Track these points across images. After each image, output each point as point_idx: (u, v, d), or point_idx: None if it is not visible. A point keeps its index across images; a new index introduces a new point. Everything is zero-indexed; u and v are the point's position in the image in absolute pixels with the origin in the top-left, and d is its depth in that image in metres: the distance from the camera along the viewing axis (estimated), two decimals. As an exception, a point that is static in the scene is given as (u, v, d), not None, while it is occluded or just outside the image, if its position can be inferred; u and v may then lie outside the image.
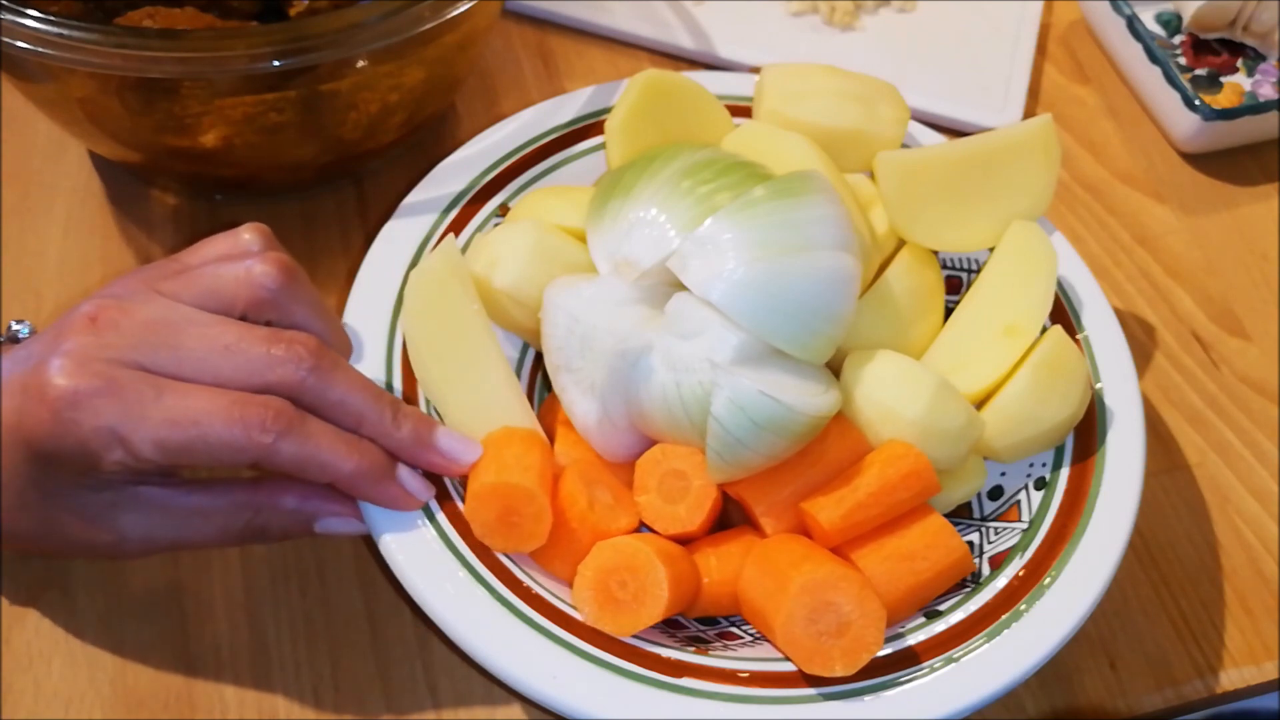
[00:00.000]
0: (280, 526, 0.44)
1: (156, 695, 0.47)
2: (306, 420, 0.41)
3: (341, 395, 0.42)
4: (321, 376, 0.42)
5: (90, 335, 0.40)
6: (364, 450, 0.42)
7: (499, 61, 0.69)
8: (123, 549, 0.43)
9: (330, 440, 0.42)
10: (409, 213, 0.52)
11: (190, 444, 0.40)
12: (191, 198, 0.61)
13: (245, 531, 0.44)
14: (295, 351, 0.41)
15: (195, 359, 0.41)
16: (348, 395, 0.42)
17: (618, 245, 0.46)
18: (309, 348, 0.42)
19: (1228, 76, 0.69)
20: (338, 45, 0.48)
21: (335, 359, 0.43)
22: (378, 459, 0.43)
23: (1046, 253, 0.50)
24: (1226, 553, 0.54)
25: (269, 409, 0.40)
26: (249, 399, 0.40)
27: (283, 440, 0.40)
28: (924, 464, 0.45)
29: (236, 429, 0.40)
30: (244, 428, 0.40)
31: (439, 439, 0.44)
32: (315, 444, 0.41)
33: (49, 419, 0.39)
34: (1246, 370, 0.60)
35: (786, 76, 0.53)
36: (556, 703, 0.41)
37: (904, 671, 0.43)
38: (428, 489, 0.44)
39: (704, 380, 0.43)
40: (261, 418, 0.40)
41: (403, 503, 0.43)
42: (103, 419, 0.39)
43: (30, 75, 0.53)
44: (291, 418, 0.41)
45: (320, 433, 0.41)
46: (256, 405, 0.40)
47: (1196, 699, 0.51)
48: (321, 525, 0.44)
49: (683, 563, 0.44)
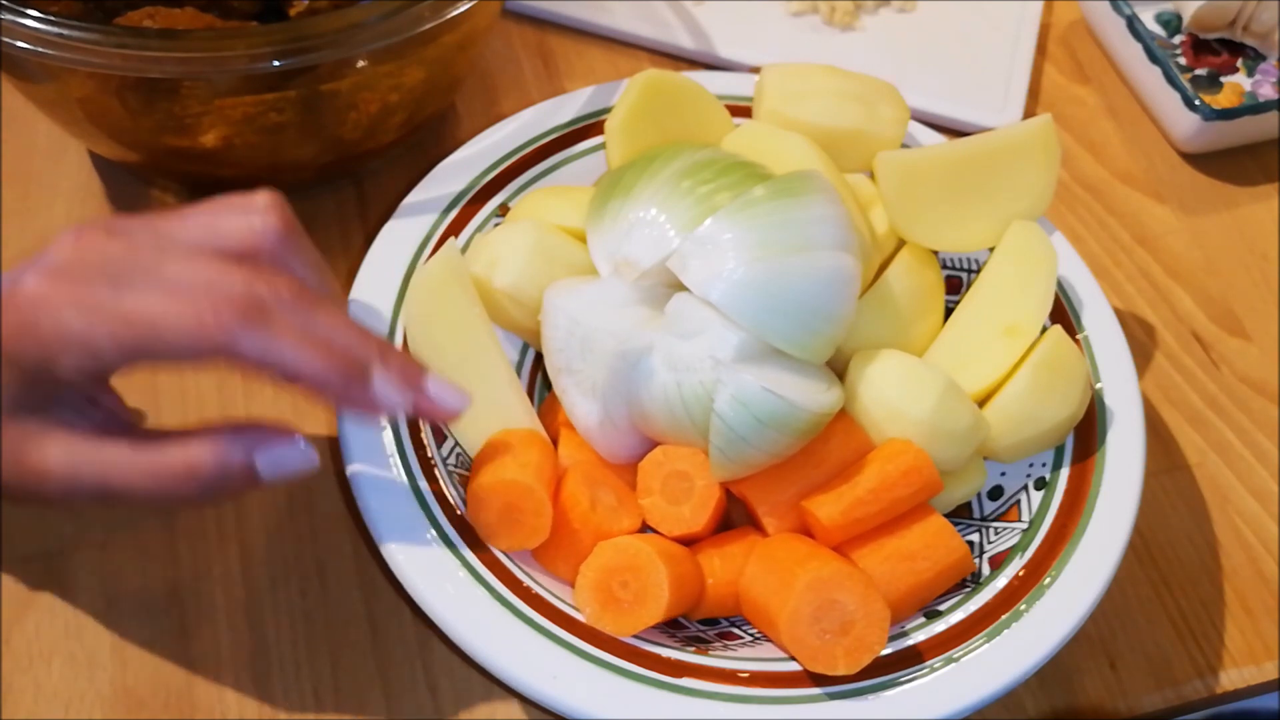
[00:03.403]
0: (217, 467, 0.40)
1: (156, 695, 0.47)
2: (271, 315, 0.39)
3: (326, 332, 0.40)
4: (302, 311, 0.40)
5: (72, 253, 0.39)
6: (334, 351, 0.40)
7: (499, 61, 0.69)
8: (45, 485, 0.40)
9: (297, 336, 0.39)
10: (409, 213, 0.52)
11: (147, 340, 0.38)
12: (191, 198, 0.61)
13: (180, 478, 0.40)
14: (276, 286, 0.40)
15: (170, 285, 0.39)
16: (332, 331, 0.40)
17: (618, 245, 0.46)
18: (292, 286, 0.40)
19: (1228, 76, 0.69)
20: (338, 45, 0.48)
21: (319, 297, 0.41)
22: (350, 361, 0.40)
23: (1046, 253, 0.50)
24: (1226, 553, 0.54)
25: (233, 300, 0.38)
26: (214, 287, 0.39)
27: (244, 333, 0.38)
28: (924, 460, 0.45)
29: (192, 324, 0.38)
30: (200, 323, 0.38)
31: (427, 381, 0.42)
32: (280, 339, 0.39)
33: (14, 320, 0.39)
34: (1246, 370, 0.60)
35: (786, 76, 0.53)
36: (556, 703, 0.41)
37: (904, 671, 0.43)
38: (403, 395, 0.41)
39: (705, 380, 0.43)
40: (218, 311, 0.38)
41: (372, 409, 0.41)
42: (62, 317, 0.38)
43: (30, 75, 0.53)
44: (254, 311, 0.38)
45: (287, 329, 0.39)
46: (219, 297, 0.38)
47: (1196, 699, 0.51)
48: (263, 459, 0.41)
49: (686, 563, 0.44)
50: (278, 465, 0.41)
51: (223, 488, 0.41)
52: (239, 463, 0.40)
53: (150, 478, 0.40)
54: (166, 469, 0.40)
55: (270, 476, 0.41)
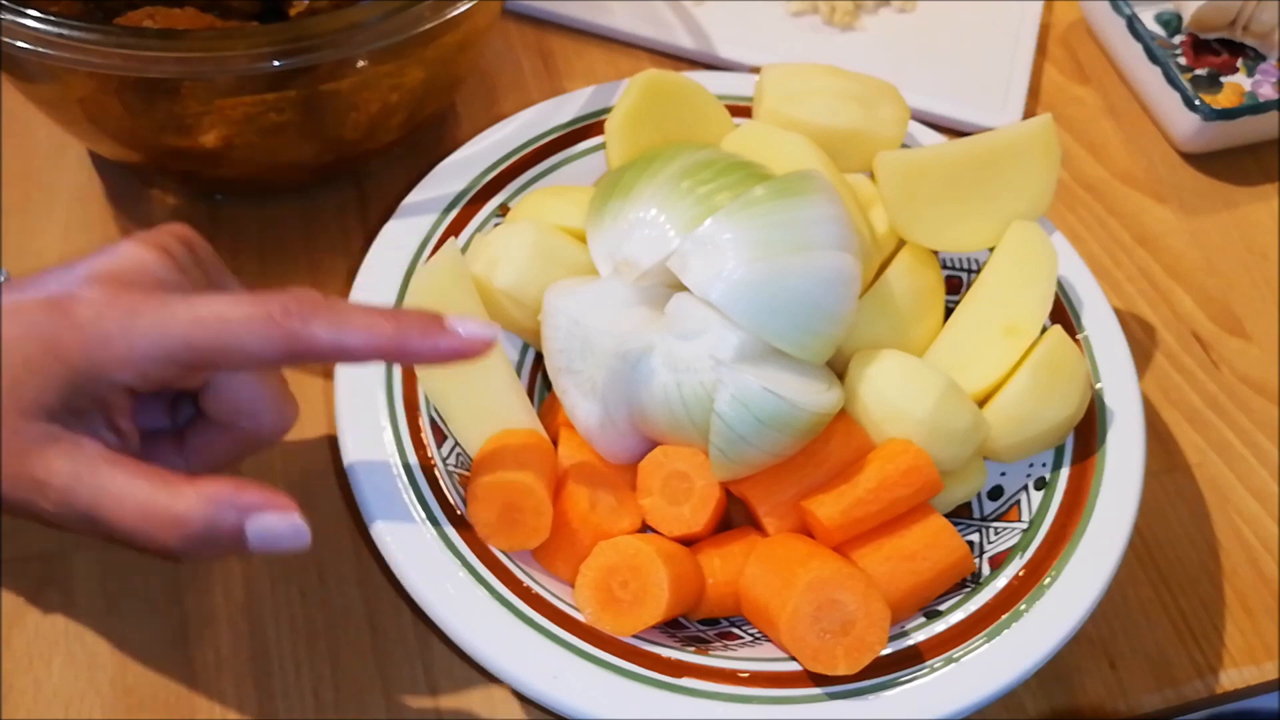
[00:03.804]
0: (206, 524, 0.39)
1: (156, 695, 0.47)
2: (332, 300, 0.40)
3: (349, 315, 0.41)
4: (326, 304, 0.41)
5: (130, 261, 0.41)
6: (394, 313, 0.41)
7: (499, 61, 0.69)
8: (41, 496, 0.40)
9: (362, 311, 0.40)
10: (409, 213, 0.52)
11: (218, 339, 0.39)
12: (191, 198, 0.61)
13: (166, 525, 0.39)
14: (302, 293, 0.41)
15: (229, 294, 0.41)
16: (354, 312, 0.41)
17: (618, 245, 0.46)
18: (312, 293, 0.41)
19: (1228, 76, 0.69)
20: (338, 45, 0.48)
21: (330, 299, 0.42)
22: (415, 314, 0.41)
23: (1046, 253, 0.50)
24: (1226, 553, 0.54)
25: (291, 295, 0.40)
26: (271, 293, 0.40)
27: (314, 321, 0.39)
28: (923, 460, 0.45)
29: (261, 318, 0.39)
30: (268, 316, 0.39)
31: (450, 319, 0.42)
32: (348, 317, 0.40)
33: (67, 325, 0.39)
34: (1246, 370, 0.60)
35: (786, 76, 0.53)
36: (556, 703, 0.41)
37: (904, 671, 0.43)
38: (489, 326, 0.41)
39: (705, 380, 0.43)
40: (285, 303, 0.39)
41: (467, 349, 0.41)
42: (133, 323, 0.39)
43: (30, 75, 0.52)
44: (315, 298, 0.40)
45: (350, 308, 0.40)
46: (279, 294, 0.40)
47: (1196, 699, 0.51)
48: (255, 529, 0.39)
49: (686, 563, 0.44)
50: (268, 538, 0.40)
51: (207, 547, 0.40)
52: (229, 526, 0.39)
53: (138, 516, 0.39)
54: (156, 512, 0.39)
55: (258, 548, 0.40)
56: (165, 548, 0.39)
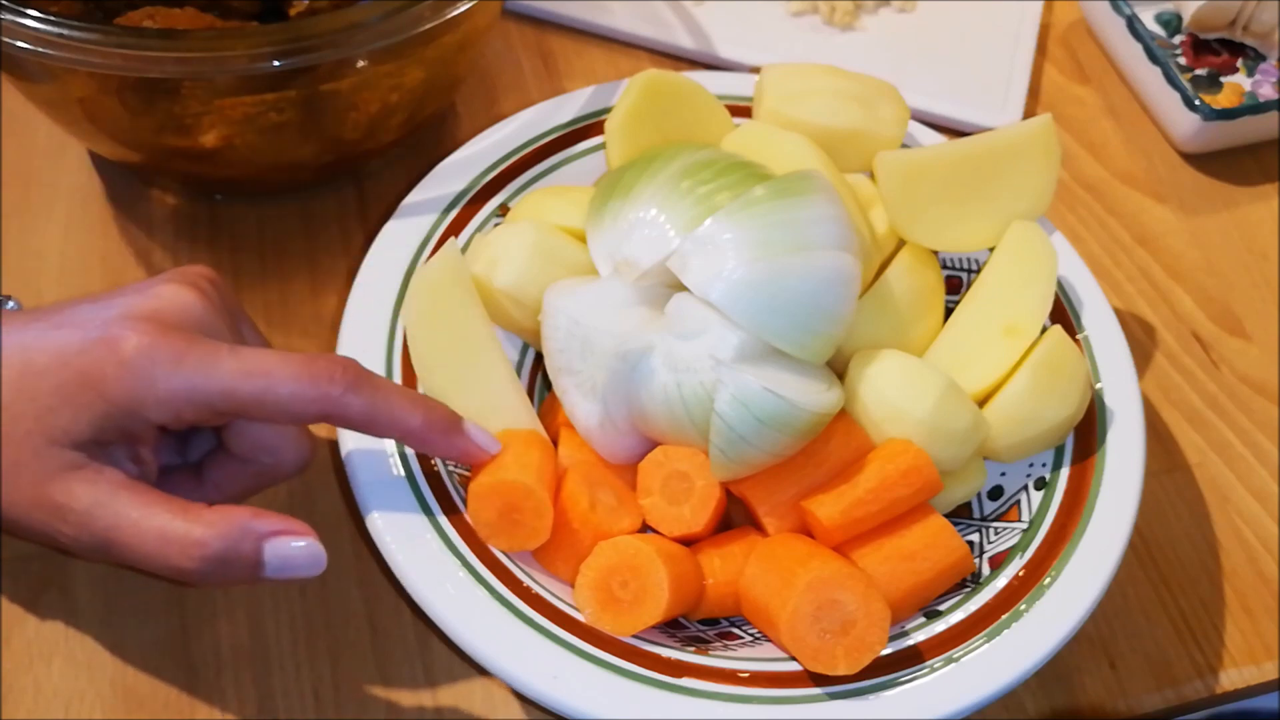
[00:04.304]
0: (224, 549, 0.40)
1: (156, 695, 0.47)
2: (373, 375, 0.42)
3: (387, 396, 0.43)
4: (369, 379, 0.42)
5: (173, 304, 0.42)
6: (429, 404, 0.43)
7: (499, 61, 0.69)
8: (59, 521, 0.40)
9: (399, 393, 0.43)
10: (409, 213, 0.52)
11: (261, 394, 0.40)
12: (191, 198, 0.61)
13: (183, 550, 0.40)
14: (347, 362, 0.42)
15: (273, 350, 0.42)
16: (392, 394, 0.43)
17: (618, 246, 0.46)
18: (355, 364, 0.42)
19: (1228, 76, 0.69)
20: (338, 45, 0.48)
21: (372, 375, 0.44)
22: (444, 412, 0.44)
23: (1046, 253, 0.50)
24: (1226, 553, 0.54)
25: (337, 363, 0.41)
26: (318, 357, 0.41)
27: (352, 392, 0.41)
28: (923, 460, 0.45)
29: (306, 380, 0.40)
30: (314, 379, 0.41)
31: (467, 426, 0.44)
32: (384, 396, 0.42)
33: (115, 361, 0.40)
34: (1246, 370, 0.60)
35: (786, 76, 0.53)
36: (556, 703, 0.41)
37: (904, 671, 0.43)
38: (494, 442, 0.45)
39: (705, 380, 0.43)
40: (331, 371, 0.41)
41: (473, 454, 0.44)
42: (176, 370, 0.40)
43: (30, 75, 0.53)
44: (360, 371, 0.42)
45: (388, 387, 0.42)
46: (325, 360, 0.41)
47: (1196, 699, 0.51)
48: (272, 554, 0.41)
49: (686, 563, 0.44)
50: (285, 564, 0.41)
51: (223, 571, 0.40)
52: (247, 551, 0.40)
53: (157, 540, 0.40)
54: (175, 536, 0.40)
55: (275, 574, 0.41)
56: (182, 571, 0.40)
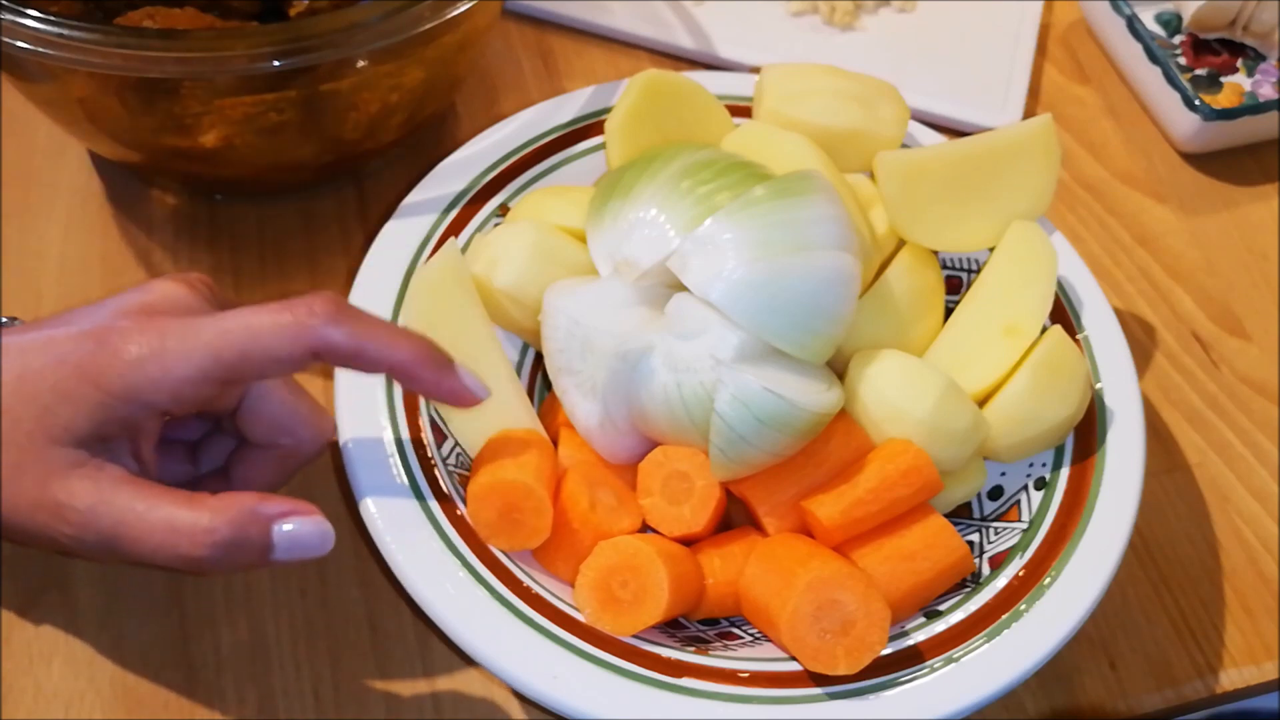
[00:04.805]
0: (234, 534, 0.40)
1: (156, 695, 0.47)
2: (355, 308, 0.41)
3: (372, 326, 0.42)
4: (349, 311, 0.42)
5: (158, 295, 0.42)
6: (418, 338, 0.42)
7: (499, 61, 0.69)
8: (60, 521, 0.40)
9: (385, 326, 0.42)
10: (409, 213, 0.52)
11: (245, 347, 0.40)
12: (191, 198, 0.61)
13: (193, 539, 0.40)
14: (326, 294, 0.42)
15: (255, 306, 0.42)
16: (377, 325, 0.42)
17: (618, 246, 0.46)
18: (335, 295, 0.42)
19: (1228, 76, 0.69)
20: (338, 45, 0.48)
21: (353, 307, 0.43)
22: (434, 347, 0.43)
23: (1046, 253, 0.50)
24: (1226, 553, 0.54)
25: (315, 298, 0.41)
26: (295, 298, 0.41)
27: (334, 323, 0.40)
28: (924, 460, 0.45)
29: (286, 320, 0.40)
30: (293, 318, 0.40)
31: (458, 367, 0.44)
32: (369, 326, 0.41)
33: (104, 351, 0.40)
34: (1246, 370, 0.60)
35: (786, 76, 0.53)
36: (556, 703, 0.41)
37: (904, 671, 0.43)
38: (484, 388, 0.44)
39: (705, 380, 0.43)
40: (310, 305, 0.40)
41: (462, 395, 0.43)
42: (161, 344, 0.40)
43: (30, 75, 0.53)
44: (338, 302, 0.41)
45: (372, 319, 0.42)
46: (303, 298, 0.41)
47: (1196, 699, 0.51)
48: (281, 535, 0.40)
49: (686, 563, 0.44)
50: (294, 544, 0.41)
51: (234, 558, 0.40)
52: (256, 534, 0.40)
53: (166, 531, 0.40)
54: (183, 526, 0.40)
55: (285, 555, 0.41)
56: (192, 560, 0.40)
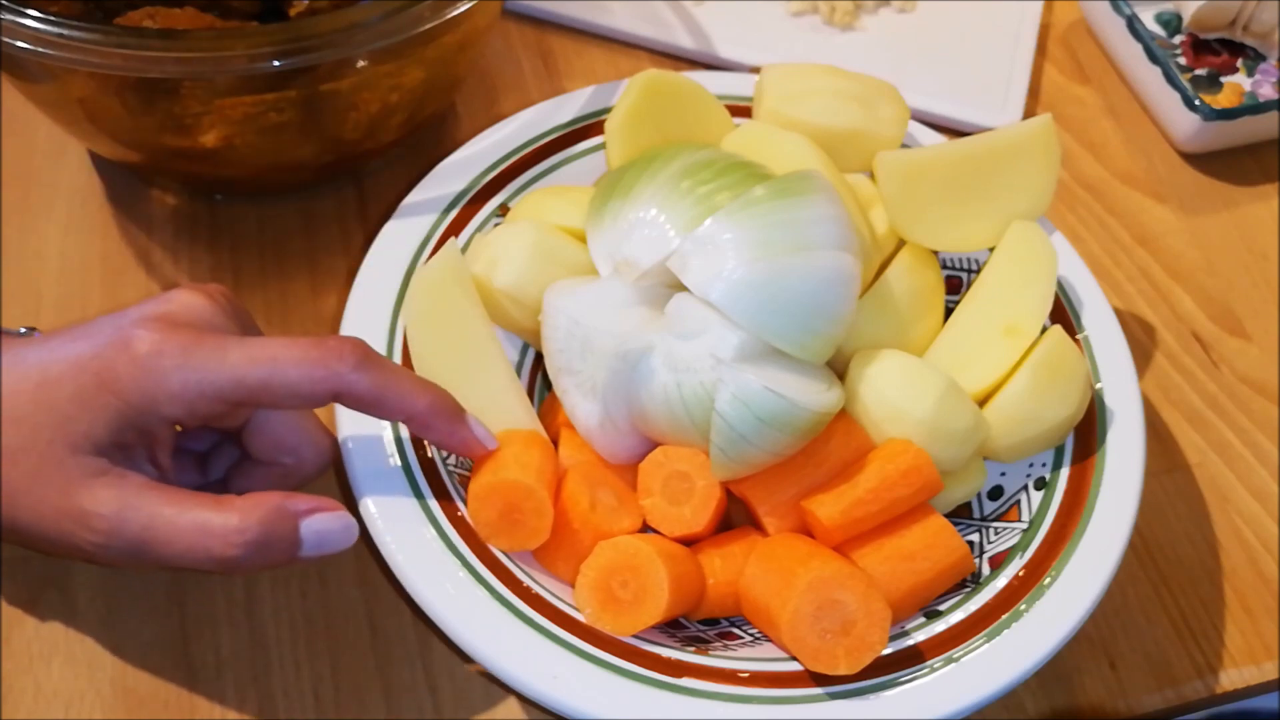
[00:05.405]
0: (263, 533, 0.40)
1: (156, 695, 0.47)
2: (380, 356, 0.42)
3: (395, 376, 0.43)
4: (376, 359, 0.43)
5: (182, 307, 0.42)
6: (436, 389, 0.43)
7: (499, 61, 0.69)
8: (86, 530, 0.40)
9: (406, 375, 0.43)
10: (409, 213, 0.52)
11: (269, 378, 0.40)
12: (191, 198, 0.61)
13: (224, 540, 0.40)
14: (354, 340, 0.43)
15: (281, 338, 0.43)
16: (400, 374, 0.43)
17: (618, 246, 0.46)
18: (362, 342, 0.43)
19: (1228, 76, 0.69)
20: (338, 45, 0.48)
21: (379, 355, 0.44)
22: (449, 399, 0.44)
23: (1046, 253, 0.50)
24: (1226, 553, 0.54)
25: (345, 342, 0.42)
26: (326, 337, 0.42)
27: (360, 370, 0.41)
28: (924, 459, 0.45)
29: (314, 359, 0.41)
30: (322, 358, 0.41)
31: (469, 418, 0.45)
32: (392, 376, 0.42)
33: (125, 360, 0.40)
34: (1246, 370, 0.60)
35: (786, 76, 0.53)
36: (556, 703, 0.41)
37: (904, 671, 0.43)
38: (493, 439, 0.45)
39: (705, 380, 0.43)
40: (340, 349, 0.41)
41: (472, 446, 0.44)
42: (187, 359, 0.40)
43: (30, 75, 0.53)
44: (366, 350, 0.42)
45: (395, 368, 0.43)
46: (334, 339, 0.42)
47: (1196, 699, 0.51)
48: (310, 532, 0.41)
49: (686, 563, 0.44)
50: (322, 539, 0.42)
51: (263, 557, 0.41)
52: (285, 530, 0.41)
53: (196, 533, 0.40)
54: (213, 527, 0.40)
55: (313, 551, 0.42)
56: (223, 561, 0.40)
